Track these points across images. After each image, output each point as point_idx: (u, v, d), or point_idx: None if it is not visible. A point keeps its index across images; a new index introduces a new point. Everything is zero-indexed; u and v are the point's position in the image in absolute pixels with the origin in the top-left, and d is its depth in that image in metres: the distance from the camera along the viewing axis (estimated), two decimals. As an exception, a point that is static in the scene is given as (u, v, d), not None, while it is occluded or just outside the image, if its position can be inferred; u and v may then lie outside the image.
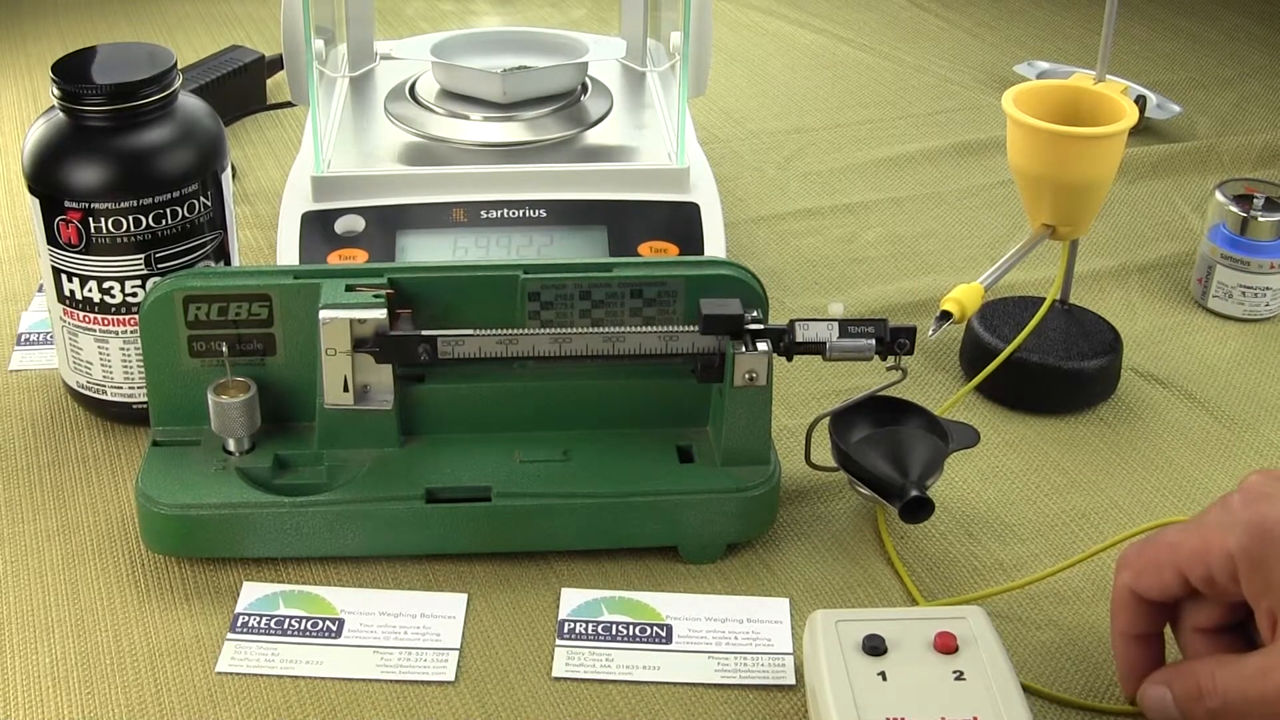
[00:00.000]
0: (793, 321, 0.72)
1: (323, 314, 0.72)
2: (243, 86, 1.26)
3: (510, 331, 0.72)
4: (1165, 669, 0.61)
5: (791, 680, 0.68)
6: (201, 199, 0.80)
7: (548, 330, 0.72)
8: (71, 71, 0.78)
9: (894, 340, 0.72)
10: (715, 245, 0.90)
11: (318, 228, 0.89)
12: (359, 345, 0.72)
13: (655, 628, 0.71)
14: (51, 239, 0.79)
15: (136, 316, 0.78)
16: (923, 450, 0.73)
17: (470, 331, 0.71)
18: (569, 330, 0.72)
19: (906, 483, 0.71)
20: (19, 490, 0.80)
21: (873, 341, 0.72)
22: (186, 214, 0.79)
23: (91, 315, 0.80)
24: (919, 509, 0.70)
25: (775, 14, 1.53)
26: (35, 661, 0.69)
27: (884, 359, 0.73)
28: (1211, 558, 0.57)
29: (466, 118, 0.97)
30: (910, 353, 0.73)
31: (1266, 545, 0.55)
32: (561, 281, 0.75)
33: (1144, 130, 1.24)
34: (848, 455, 0.74)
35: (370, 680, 0.68)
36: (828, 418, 0.76)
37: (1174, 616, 0.62)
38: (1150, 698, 0.60)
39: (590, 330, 0.72)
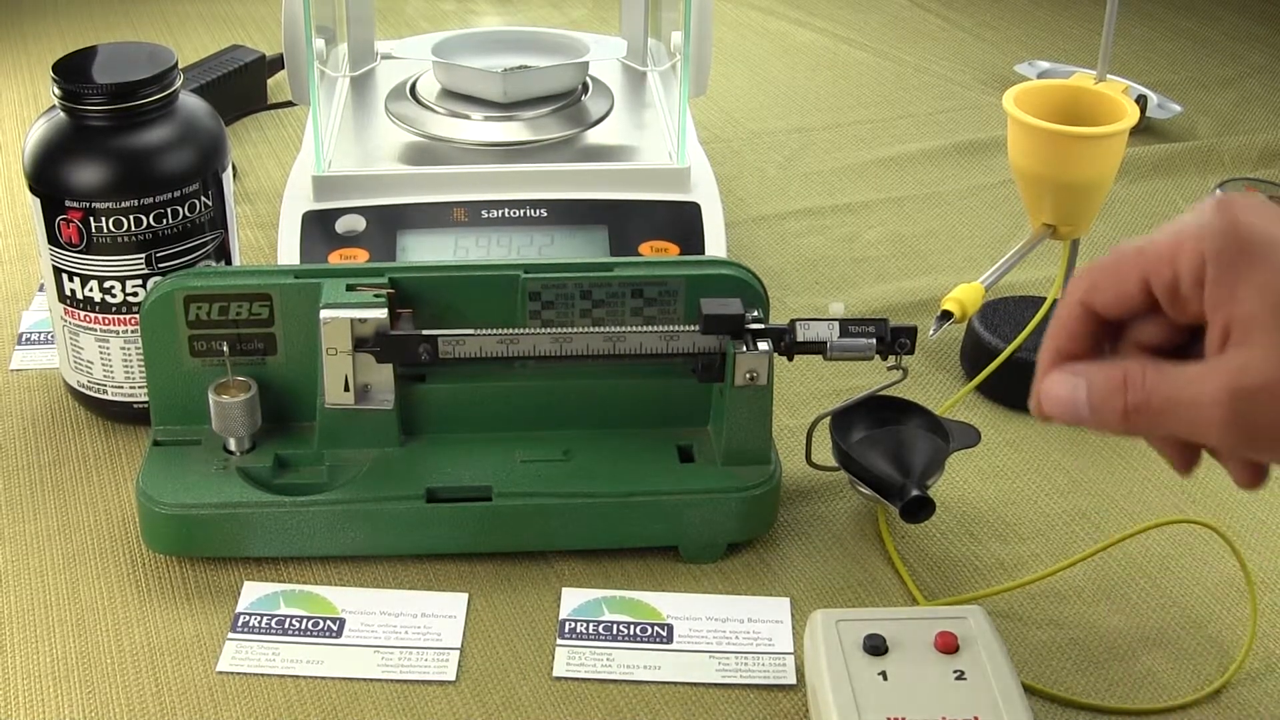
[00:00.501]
0: (793, 321, 0.72)
1: (323, 313, 0.72)
2: (243, 86, 1.26)
3: (511, 331, 0.72)
4: (1079, 363, 0.55)
5: (792, 680, 0.68)
6: (202, 198, 0.80)
7: (548, 330, 0.72)
8: (72, 71, 0.78)
9: (895, 340, 0.72)
10: (716, 245, 0.90)
11: (318, 227, 0.89)
12: (360, 345, 0.72)
13: (656, 627, 0.71)
14: (52, 238, 0.79)
15: (137, 316, 0.78)
16: (924, 450, 0.73)
17: (471, 331, 0.71)
18: (569, 330, 0.72)
19: (907, 482, 0.71)
20: (20, 489, 0.80)
21: (873, 341, 0.72)
22: (187, 213, 0.79)
23: (92, 315, 0.80)
24: (920, 509, 0.70)
25: (776, 14, 1.53)
26: (36, 660, 0.69)
27: (884, 359, 0.73)
28: (1181, 261, 0.52)
29: (467, 117, 0.97)
30: (911, 352, 0.73)
31: (1242, 251, 0.51)
32: (562, 281, 0.75)
33: (1145, 130, 1.24)
34: (848, 455, 0.74)
35: (371, 680, 0.68)
36: (828, 417, 0.76)
37: (1116, 339, 0.57)
38: (1058, 385, 0.55)
39: (591, 330, 0.72)
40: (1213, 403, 0.50)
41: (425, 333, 0.71)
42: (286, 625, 0.71)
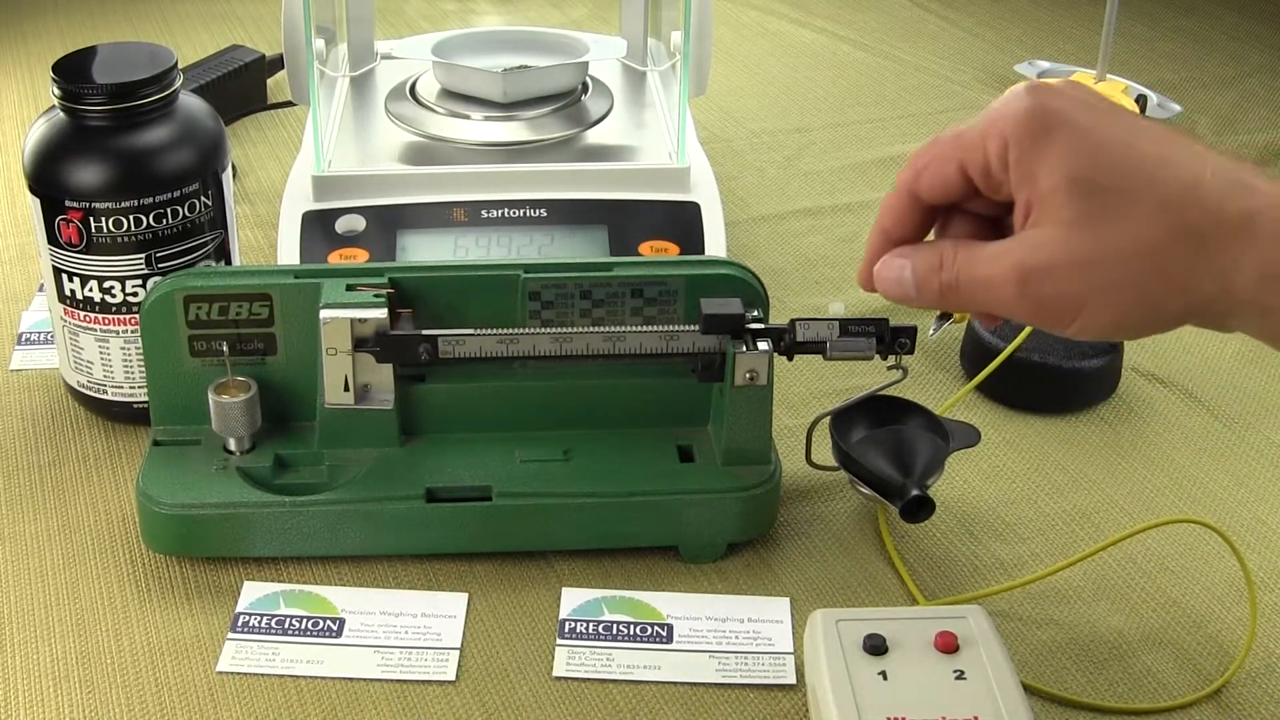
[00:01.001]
0: (793, 321, 0.72)
1: (323, 313, 0.72)
2: (243, 86, 1.26)
3: (511, 331, 0.72)
4: (910, 247, 0.59)
5: (792, 680, 0.68)
6: (202, 198, 0.80)
7: (548, 330, 0.72)
8: (72, 71, 0.78)
9: (894, 340, 0.72)
10: (716, 245, 0.90)
11: (318, 227, 0.89)
12: (360, 345, 0.72)
13: (656, 627, 0.71)
14: (52, 239, 0.79)
15: (137, 316, 0.78)
16: (924, 450, 0.73)
17: (471, 331, 0.71)
18: (569, 330, 0.72)
19: (907, 482, 0.71)
20: (20, 489, 0.80)
21: (873, 341, 0.72)
22: (187, 213, 0.79)
23: (92, 315, 0.80)
24: (920, 508, 0.70)
25: (776, 13, 1.53)
26: (36, 660, 0.69)
27: (884, 358, 0.73)
28: (989, 145, 0.55)
29: (467, 117, 0.97)
30: (911, 352, 0.73)
31: (1040, 133, 0.53)
32: (562, 281, 0.75)
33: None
34: (848, 455, 0.74)
35: (371, 680, 0.68)
36: (828, 417, 0.76)
37: (941, 229, 0.60)
38: (889, 268, 0.59)
39: (591, 330, 0.72)
40: (1004, 281, 0.54)
41: (425, 333, 0.71)
42: (286, 625, 0.71)
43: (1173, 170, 0.52)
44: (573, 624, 0.71)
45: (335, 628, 0.71)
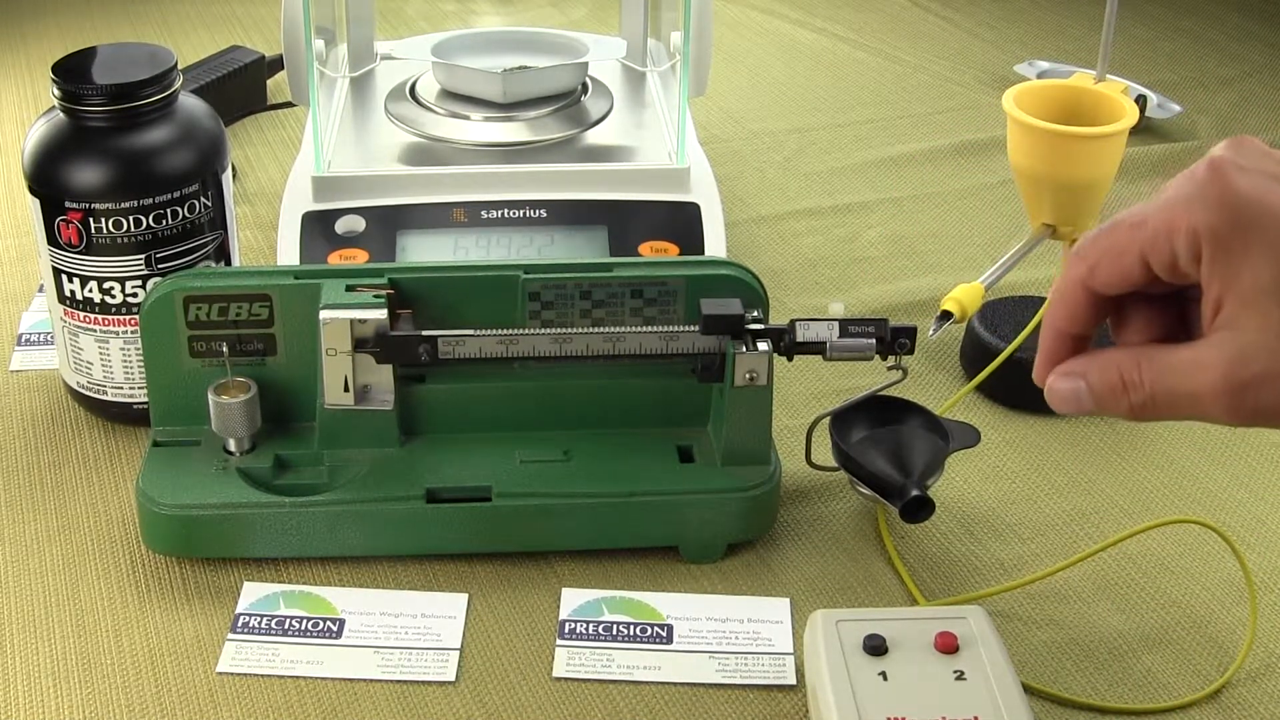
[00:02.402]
0: (793, 321, 0.72)
1: (323, 314, 0.72)
2: (243, 87, 1.26)
3: (510, 331, 0.72)
4: (1079, 359, 0.54)
5: (792, 680, 0.68)
6: (202, 199, 0.80)
7: (548, 330, 0.72)
8: (72, 72, 0.78)
9: (894, 340, 0.72)
10: (716, 245, 0.90)
11: (318, 228, 0.89)
12: (359, 345, 0.72)
13: (656, 628, 0.71)
14: (52, 239, 0.79)
15: (137, 317, 0.78)
16: (923, 450, 0.73)
17: (471, 332, 0.71)
18: (569, 330, 0.72)
19: (907, 482, 0.71)
20: (19, 490, 0.80)
21: (873, 341, 0.72)
22: (187, 214, 0.79)
23: (92, 315, 0.80)
24: (919, 509, 0.70)
25: (776, 14, 1.53)
26: (35, 661, 0.69)
27: (884, 359, 0.73)
28: (1178, 238, 0.50)
29: (467, 118, 0.97)
30: (911, 352, 0.73)
31: (1239, 225, 0.49)
32: (562, 281, 0.75)
33: (1144, 130, 1.24)
34: (848, 455, 0.74)
35: (371, 680, 0.68)
36: (828, 417, 0.76)
37: (1117, 320, 0.56)
38: (1063, 385, 0.54)
39: (590, 330, 0.72)
40: (1213, 395, 0.50)
41: (425, 333, 0.71)
42: (286, 626, 0.71)
43: None
44: (573, 624, 0.71)
45: (335, 628, 0.71)
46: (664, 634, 0.71)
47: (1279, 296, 0.48)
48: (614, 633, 0.71)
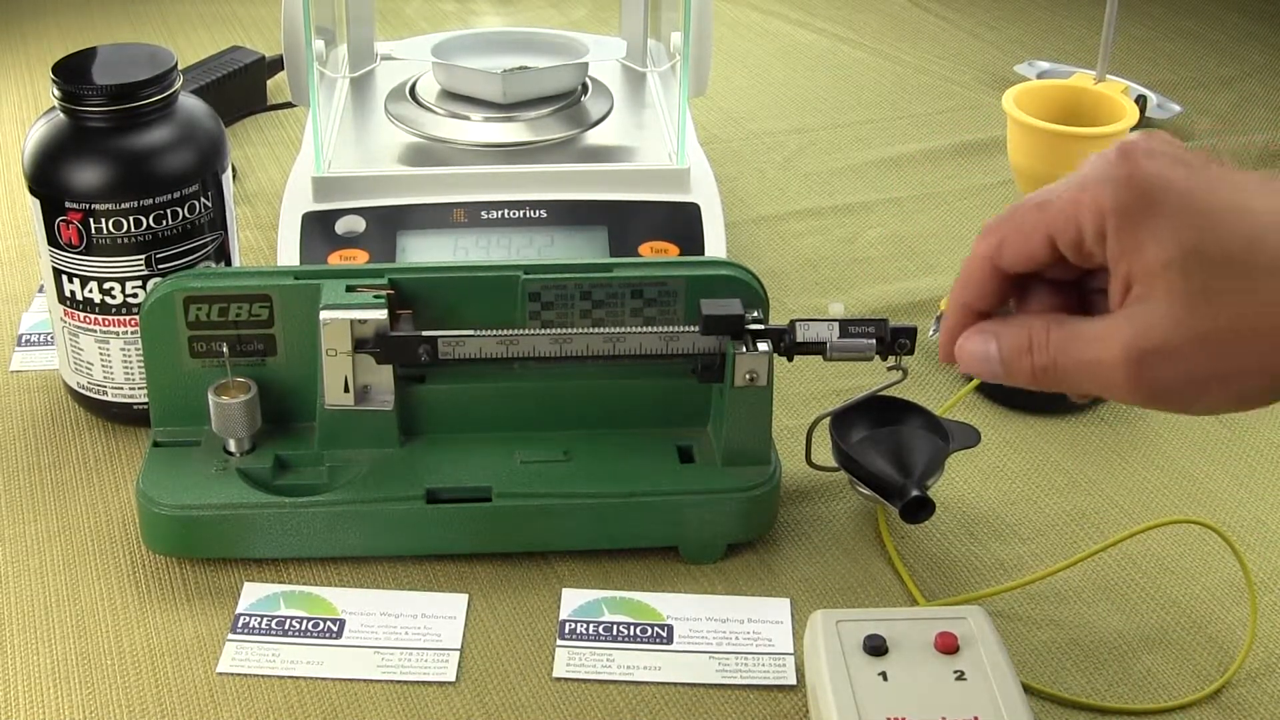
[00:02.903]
0: (793, 321, 0.72)
1: (323, 314, 0.72)
2: (243, 87, 1.26)
3: (510, 332, 0.72)
4: (994, 320, 0.56)
5: (792, 680, 0.68)
6: (202, 199, 0.80)
7: (548, 331, 0.72)
8: (72, 72, 0.78)
9: (894, 340, 0.72)
10: (716, 245, 0.90)
11: (318, 228, 0.89)
12: (360, 346, 0.72)
13: (656, 628, 0.71)
14: (52, 240, 0.79)
15: (137, 317, 0.78)
16: (923, 450, 0.73)
17: (471, 332, 0.71)
18: (569, 330, 0.72)
19: (907, 483, 0.71)
20: (20, 490, 0.80)
21: (873, 341, 0.72)
22: (187, 215, 0.79)
23: (92, 316, 0.80)
24: (920, 509, 0.70)
25: (776, 14, 1.53)
26: (36, 661, 0.69)
27: (884, 359, 0.73)
28: (1084, 217, 0.51)
29: (467, 118, 0.97)
30: (911, 352, 0.73)
31: (1143, 204, 0.50)
32: (562, 282, 0.75)
33: (1144, 130, 1.24)
34: (848, 455, 0.74)
35: (371, 680, 0.68)
36: (828, 418, 0.76)
37: (1021, 294, 0.56)
38: (973, 344, 0.55)
39: (590, 330, 0.72)
40: (1113, 365, 0.51)
41: (425, 333, 0.71)
42: (286, 626, 0.71)
43: None
44: (573, 625, 0.71)
45: (335, 629, 0.71)
46: (664, 634, 0.71)
47: (1181, 271, 0.49)
48: (614, 633, 0.71)
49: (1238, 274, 0.48)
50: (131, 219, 0.78)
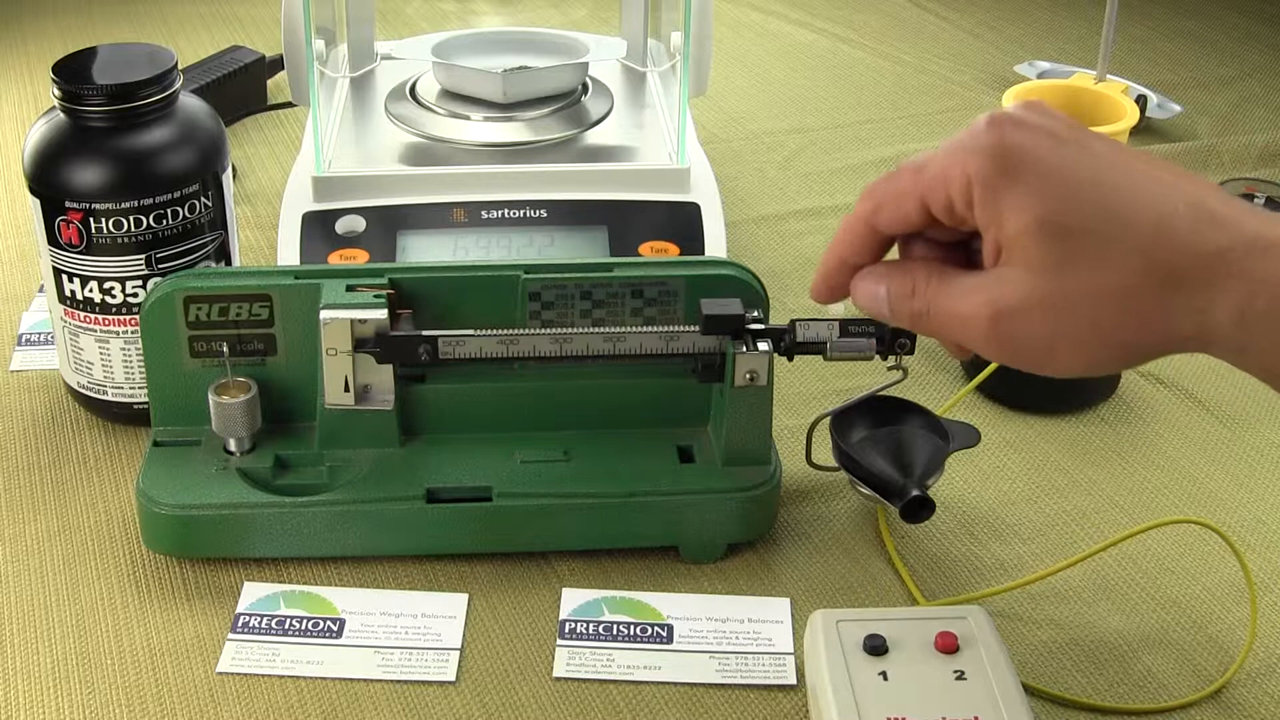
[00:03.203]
0: (793, 321, 0.72)
1: (323, 314, 0.72)
2: (243, 87, 1.26)
3: (511, 332, 0.72)
4: (883, 265, 0.59)
5: (792, 680, 0.68)
6: (202, 199, 0.80)
7: (548, 330, 0.72)
8: (72, 72, 0.78)
9: (895, 340, 0.72)
10: (716, 245, 0.90)
11: (318, 228, 0.89)
12: (360, 345, 0.72)
13: (656, 628, 0.71)
14: (52, 239, 0.79)
15: (137, 317, 0.78)
16: (924, 450, 0.73)
17: (471, 332, 0.71)
18: (569, 330, 0.72)
19: (907, 482, 0.71)
20: (20, 490, 0.80)
21: (873, 341, 0.72)
22: (187, 214, 0.79)
23: (92, 315, 0.80)
24: (920, 509, 0.70)
25: (776, 14, 1.53)
26: (36, 661, 0.69)
27: (884, 359, 0.73)
28: (952, 183, 0.54)
29: (467, 118, 0.97)
30: (911, 352, 0.73)
31: (1005, 173, 0.52)
32: (562, 282, 0.75)
33: (1144, 130, 1.24)
34: (849, 455, 0.74)
35: (371, 680, 0.68)
36: (828, 417, 0.76)
37: (903, 246, 0.59)
38: (866, 284, 0.59)
39: (591, 330, 0.72)
40: (975, 318, 0.53)
41: (425, 333, 0.71)
42: (286, 626, 0.71)
43: (1144, 207, 0.50)
44: (573, 624, 0.71)
45: (335, 628, 0.71)
46: (664, 634, 0.71)
47: (1036, 239, 0.51)
48: (614, 633, 0.71)
49: (1090, 245, 0.51)
50: (132, 219, 0.78)
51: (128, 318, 0.80)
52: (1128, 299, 0.50)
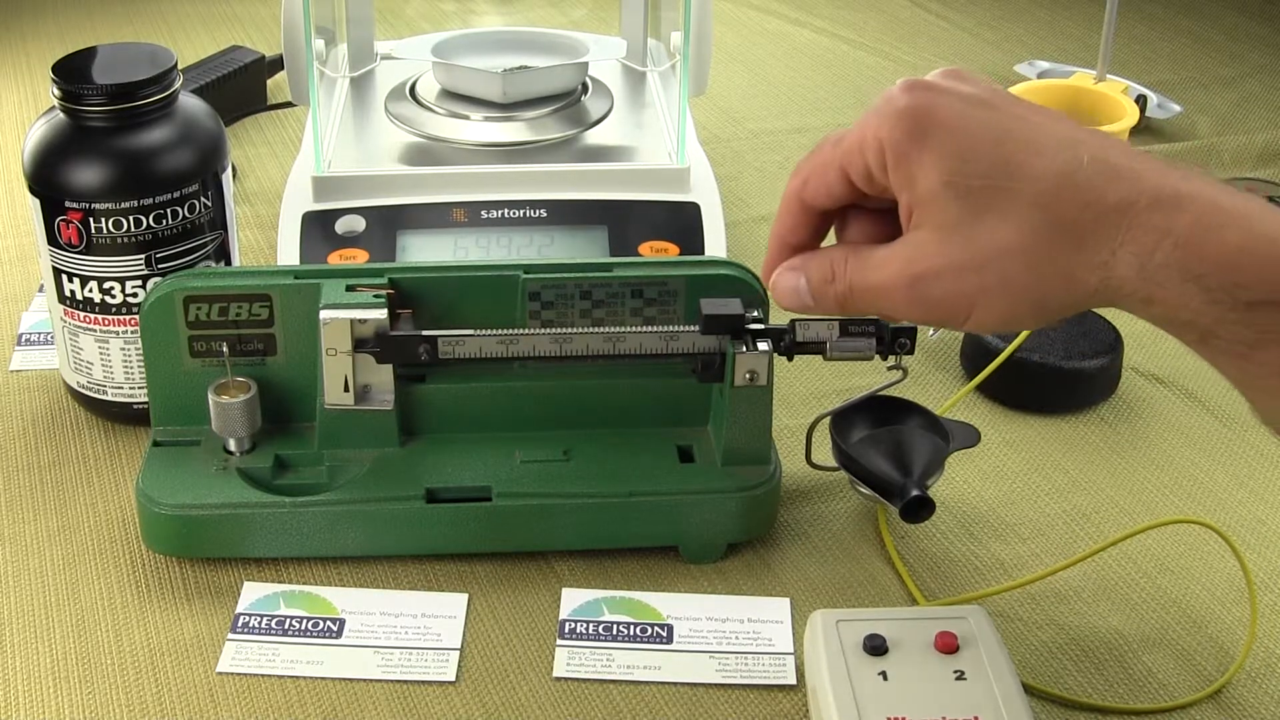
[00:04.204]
0: (793, 321, 0.72)
1: (323, 314, 0.72)
2: (243, 87, 1.26)
3: (510, 332, 0.72)
4: (798, 257, 0.60)
5: (792, 680, 0.68)
6: (202, 199, 0.80)
7: (548, 330, 0.72)
8: (72, 72, 0.78)
9: (894, 340, 0.72)
10: (716, 245, 0.90)
11: (318, 228, 0.89)
12: (360, 345, 0.72)
13: (656, 627, 0.71)
14: (52, 239, 0.79)
15: (137, 317, 0.78)
16: (923, 449, 0.73)
17: (471, 332, 0.71)
18: (569, 330, 0.72)
19: (907, 482, 0.71)
20: (20, 490, 0.80)
21: (873, 341, 0.72)
22: (187, 214, 0.79)
23: (92, 315, 0.80)
24: (920, 508, 0.70)
25: (776, 13, 1.53)
26: (36, 661, 0.69)
27: (884, 358, 0.73)
28: (867, 150, 0.55)
29: (467, 118, 0.97)
30: (911, 352, 0.73)
31: (913, 136, 0.53)
32: (562, 281, 0.75)
33: (1144, 130, 1.24)
34: (848, 455, 0.74)
35: (371, 680, 0.68)
36: (828, 417, 0.76)
37: (839, 228, 0.61)
38: (784, 280, 0.60)
39: (590, 330, 0.72)
40: (894, 286, 0.55)
41: (425, 333, 0.71)
42: (286, 626, 0.71)
43: (1046, 161, 0.51)
44: (573, 624, 0.71)
45: (335, 628, 0.71)
46: (664, 634, 0.71)
47: (943, 200, 0.52)
48: (614, 632, 0.71)
49: (994, 201, 0.51)
50: (131, 218, 0.78)
51: (127, 318, 0.80)
52: (1032, 253, 0.51)
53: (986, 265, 0.52)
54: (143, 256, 0.79)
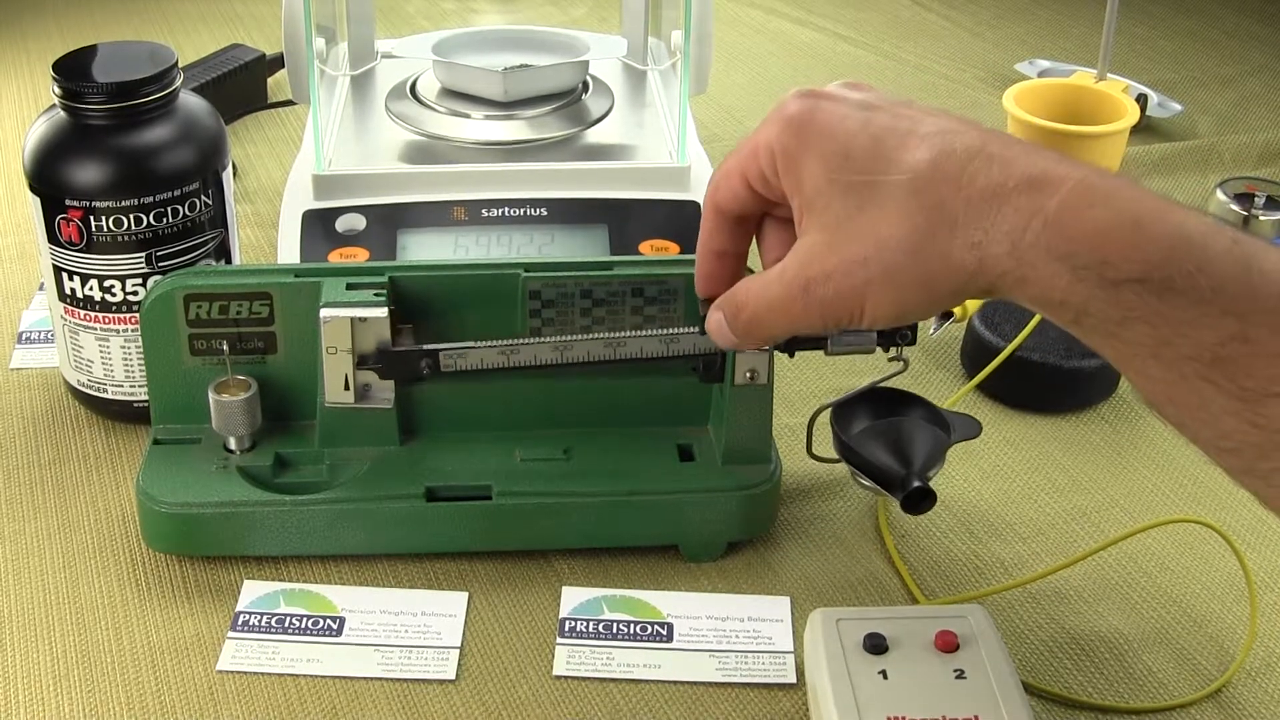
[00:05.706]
0: (793, 319, 0.72)
1: (323, 312, 0.72)
2: (244, 85, 1.26)
3: (512, 341, 0.71)
4: (725, 294, 0.60)
5: (792, 679, 0.68)
6: (202, 197, 0.80)
7: (549, 340, 0.71)
8: (72, 70, 0.78)
9: (895, 332, 0.72)
10: (716, 244, 0.90)
11: (319, 226, 0.89)
12: (362, 362, 0.72)
13: (656, 626, 0.71)
14: (52, 237, 0.79)
15: (137, 315, 0.78)
16: (924, 441, 0.73)
17: (472, 344, 0.71)
18: (570, 338, 0.71)
19: (908, 473, 0.71)
20: (20, 488, 0.80)
21: (874, 336, 0.72)
22: (187, 212, 0.79)
23: (92, 314, 0.80)
24: (921, 500, 0.70)
25: (776, 12, 1.53)
26: (36, 659, 0.69)
27: (885, 350, 0.73)
28: (761, 156, 0.56)
29: (467, 116, 0.97)
30: (912, 343, 0.72)
31: (800, 140, 0.54)
32: (562, 280, 0.75)
33: (1145, 129, 1.24)
34: (849, 446, 0.74)
35: (371, 679, 0.68)
36: (829, 409, 0.76)
37: (759, 240, 0.61)
38: (711, 323, 0.61)
39: (591, 337, 0.71)
40: (791, 298, 0.55)
41: (427, 347, 0.71)
42: (286, 624, 0.71)
43: (921, 152, 0.52)
44: (573, 623, 0.71)
45: (335, 626, 0.71)
46: (664, 632, 0.71)
47: (829, 195, 0.53)
48: (614, 631, 0.71)
49: (872, 194, 0.52)
50: (132, 217, 0.78)
51: (128, 316, 0.80)
52: (910, 239, 0.52)
53: (870, 258, 0.52)
54: (143, 255, 0.79)
